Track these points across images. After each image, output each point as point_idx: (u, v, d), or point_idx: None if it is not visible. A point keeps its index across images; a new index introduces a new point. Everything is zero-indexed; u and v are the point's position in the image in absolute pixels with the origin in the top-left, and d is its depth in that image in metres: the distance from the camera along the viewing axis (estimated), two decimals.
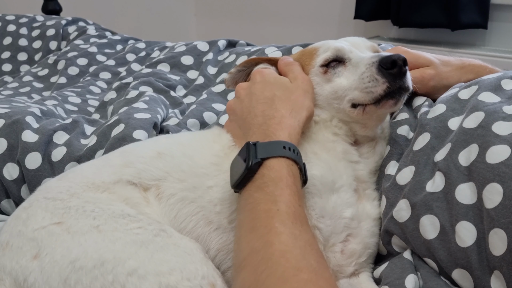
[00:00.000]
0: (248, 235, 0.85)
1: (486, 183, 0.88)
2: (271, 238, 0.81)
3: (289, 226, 0.83)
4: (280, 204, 0.86)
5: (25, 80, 2.17)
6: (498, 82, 1.07)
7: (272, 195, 0.88)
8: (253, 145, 0.94)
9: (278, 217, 0.84)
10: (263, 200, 0.88)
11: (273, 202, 0.87)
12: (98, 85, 2.05)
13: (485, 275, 0.87)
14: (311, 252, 0.81)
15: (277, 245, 0.79)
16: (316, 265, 0.78)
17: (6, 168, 1.35)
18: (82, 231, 0.86)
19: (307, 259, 0.79)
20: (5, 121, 1.41)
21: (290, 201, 0.88)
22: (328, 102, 1.10)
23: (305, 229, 0.86)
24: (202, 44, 2.01)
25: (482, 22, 3.34)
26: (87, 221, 0.88)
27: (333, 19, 4.23)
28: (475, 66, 1.26)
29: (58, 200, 0.93)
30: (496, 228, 0.85)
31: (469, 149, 0.95)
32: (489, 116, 0.96)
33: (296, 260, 0.77)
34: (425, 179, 1.00)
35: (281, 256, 0.78)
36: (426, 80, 1.24)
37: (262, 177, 0.91)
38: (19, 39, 2.48)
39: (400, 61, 1.01)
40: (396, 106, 1.06)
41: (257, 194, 0.89)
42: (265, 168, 0.92)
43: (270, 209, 0.86)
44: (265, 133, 0.99)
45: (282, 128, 1.00)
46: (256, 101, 1.06)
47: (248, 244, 0.83)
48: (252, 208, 0.88)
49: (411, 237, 0.99)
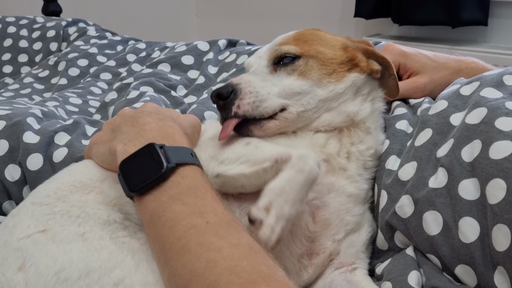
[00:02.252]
0: (181, 257, 0.74)
1: (490, 178, 0.88)
2: (212, 256, 0.72)
3: (225, 237, 0.75)
4: (207, 216, 0.78)
5: (25, 81, 2.17)
6: (500, 78, 1.07)
7: (195, 207, 0.80)
8: (160, 148, 0.85)
9: (210, 230, 0.76)
10: (186, 215, 0.79)
11: (199, 215, 0.78)
12: (99, 86, 2.04)
13: (489, 271, 0.87)
14: (257, 257, 0.74)
15: (221, 262, 0.71)
16: (267, 270, 0.72)
17: (8, 170, 1.35)
18: (67, 239, 0.83)
19: (257, 267, 0.71)
20: (6, 122, 1.41)
21: (216, 208, 0.81)
22: None
23: (241, 233, 0.78)
24: (203, 44, 2.00)
25: (482, 19, 3.34)
26: (72, 228, 0.85)
27: (334, 17, 4.23)
28: (473, 69, 1.27)
29: (44, 206, 0.91)
30: (500, 223, 0.84)
31: (472, 145, 0.95)
32: (492, 112, 0.96)
33: (247, 273, 0.69)
34: (428, 175, 1.00)
35: (230, 273, 0.69)
36: (420, 89, 1.26)
37: (177, 186, 0.82)
38: (19, 40, 2.48)
39: (214, 98, 1.06)
40: (250, 136, 1.06)
41: (176, 207, 0.80)
42: (178, 176, 0.84)
43: (199, 224, 0.77)
44: (165, 134, 0.92)
45: (180, 133, 0.95)
46: (137, 114, 0.99)
47: (185, 267, 0.73)
48: (174, 225, 0.78)
49: (414, 233, 0.99)
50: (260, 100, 1.05)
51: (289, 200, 0.88)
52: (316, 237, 1.01)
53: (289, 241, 0.98)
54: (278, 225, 0.86)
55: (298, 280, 1.00)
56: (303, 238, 0.99)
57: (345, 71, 1.13)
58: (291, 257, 0.98)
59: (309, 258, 1.01)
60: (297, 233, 0.99)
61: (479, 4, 3.31)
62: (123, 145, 0.90)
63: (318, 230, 1.01)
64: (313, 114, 1.10)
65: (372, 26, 3.97)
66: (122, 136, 0.93)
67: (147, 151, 0.85)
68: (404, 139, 1.14)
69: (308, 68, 1.11)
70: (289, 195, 0.89)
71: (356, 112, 1.12)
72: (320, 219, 1.01)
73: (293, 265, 0.99)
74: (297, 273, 1.00)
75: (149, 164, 0.84)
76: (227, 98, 1.05)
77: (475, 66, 1.28)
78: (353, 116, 1.11)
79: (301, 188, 0.90)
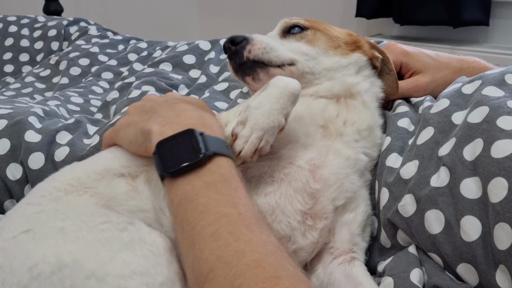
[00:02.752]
0: (211, 242, 0.75)
1: (491, 177, 0.88)
2: (242, 246, 0.73)
3: (256, 232, 0.77)
4: (240, 208, 0.80)
5: (27, 80, 2.17)
6: (501, 77, 1.07)
7: (229, 196, 0.81)
8: (200, 135, 0.86)
9: (242, 222, 0.77)
10: (220, 202, 0.80)
11: (232, 205, 0.80)
12: (100, 85, 2.05)
13: (490, 270, 0.87)
14: (284, 256, 0.76)
15: (250, 254, 0.72)
16: (293, 269, 0.74)
17: (9, 169, 1.35)
18: (46, 235, 0.82)
19: (283, 264, 0.73)
20: (8, 121, 1.41)
21: (248, 203, 0.82)
22: None
23: (270, 232, 0.80)
24: (204, 43, 2.00)
25: (484, 19, 3.34)
26: (53, 224, 0.84)
27: (335, 17, 4.23)
28: (475, 69, 1.27)
29: (36, 205, 0.91)
30: (502, 222, 0.84)
31: (474, 144, 0.95)
32: (494, 111, 0.96)
33: (273, 268, 0.71)
34: (430, 174, 1.00)
35: (257, 266, 0.71)
36: (422, 88, 1.27)
37: (212, 174, 0.84)
38: (20, 40, 2.48)
39: (227, 43, 1.15)
40: (254, 80, 1.15)
41: (210, 193, 0.81)
42: (214, 164, 0.85)
43: (231, 213, 0.78)
44: (203, 122, 0.93)
45: (218, 124, 0.96)
46: (173, 100, 1.01)
47: (213, 253, 0.73)
48: (205, 210, 0.79)
49: (416, 232, 0.99)
50: (271, 48, 1.14)
51: (265, 111, 0.93)
52: (317, 196, 1.01)
53: (292, 197, 1.00)
54: (253, 135, 0.91)
55: (304, 242, 1.01)
56: (305, 194, 1.00)
57: (349, 50, 1.22)
58: (295, 214, 0.99)
59: (313, 220, 1.01)
60: (298, 188, 1.00)
61: (480, 4, 3.31)
62: (160, 126, 0.91)
63: (319, 187, 1.01)
64: (316, 80, 1.16)
65: (373, 26, 3.97)
66: (158, 118, 0.94)
67: (186, 135, 0.87)
68: (406, 137, 1.14)
69: (316, 38, 1.21)
70: (264, 107, 0.93)
71: (355, 84, 1.17)
72: (320, 178, 1.02)
73: (298, 224, 1.00)
74: (303, 234, 1.00)
75: (187, 148, 0.85)
76: (240, 43, 1.13)
77: (477, 65, 1.29)
78: (351, 88, 1.17)
79: (278, 100, 0.95)
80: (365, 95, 1.18)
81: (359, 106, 1.15)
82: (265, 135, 0.92)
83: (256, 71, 1.13)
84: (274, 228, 0.98)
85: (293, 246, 1.00)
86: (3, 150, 1.36)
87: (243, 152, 0.91)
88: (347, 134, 1.10)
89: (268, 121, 0.92)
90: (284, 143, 1.03)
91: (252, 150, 0.91)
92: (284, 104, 0.95)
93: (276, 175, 1.00)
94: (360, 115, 1.14)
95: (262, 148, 0.92)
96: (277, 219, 0.98)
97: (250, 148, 0.91)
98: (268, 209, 0.98)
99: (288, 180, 1.00)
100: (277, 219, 0.98)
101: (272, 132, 0.93)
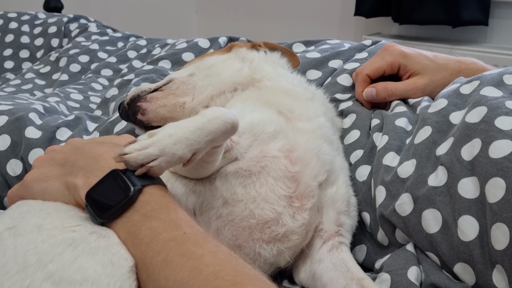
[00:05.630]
0: (163, 270, 0.74)
1: (489, 177, 0.88)
2: (195, 264, 0.72)
3: (204, 246, 0.76)
4: (183, 228, 0.79)
5: (27, 77, 2.17)
6: (500, 77, 1.07)
7: (169, 221, 0.80)
8: (124, 173, 0.84)
9: (189, 240, 0.76)
10: (163, 228, 0.78)
11: (174, 228, 0.78)
12: (100, 82, 2.05)
13: (487, 269, 0.88)
14: (239, 262, 0.75)
15: (205, 269, 0.71)
16: (251, 271, 0.73)
17: (10, 165, 1.35)
18: (24, 232, 0.81)
19: (240, 270, 0.73)
20: (8, 117, 1.41)
21: (189, 221, 0.81)
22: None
23: (217, 243, 0.79)
24: (203, 41, 2.01)
25: (483, 19, 3.35)
26: (34, 220, 0.84)
27: (334, 16, 4.23)
28: (472, 70, 1.27)
29: (25, 206, 0.91)
30: (499, 222, 0.85)
31: (472, 144, 0.95)
32: (492, 111, 0.96)
33: (231, 276, 0.70)
34: (427, 173, 1.00)
35: (215, 278, 0.70)
36: (420, 90, 1.27)
37: (148, 204, 0.82)
38: (21, 36, 2.47)
39: (121, 116, 1.25)
40: (143, 114, 1.20)
41: (151, 223, 0.79)
42: (146, 195, 0.83)
43: (176, 236, 0.77)
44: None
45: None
46: (84, 146, 0.97)
47: (169, 279, 0.73)
48: (151, 241, 0.78)
49: (413, 231, 0.99)
50: (139, 87, 1.27)
51: (175, 136, 0.85)
52: (299, 178, 1.01)
53: (272, 185, 0.98)
54: (149, 150, 0.84)
55: (294, 224, 0.99)
56: (285, 179, 0.99)
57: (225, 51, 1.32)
58: (279, 200, 0.98)
59: (300, 201, 1.00)
60: (278, 176, 0.99)
61: (479, 4, 3.32)
62: (85, 178, 0.88)
63: (298, 169, 1.01)
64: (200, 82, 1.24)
65: (372, 25, 3.98)
66: (80, 171, 0.90)
67: (111, 178, 0.84)
68: (404, 136, 1.14)
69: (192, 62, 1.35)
70: (178, 132, 0.86)
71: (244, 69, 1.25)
72: (297, 159, 1.01)
73: (285, 208, 0.99)
74: (292, 216, 0.99)
75: (116, 190, 0.83)
76: (120, 107, 1.26)
77: (475, 67, 1.29)
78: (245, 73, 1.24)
79: (195, 130, 0.86)
80: (262, 72, 1.20)
81: (268, 84, 1.17)
82: (160, 157, 0.84)
83: (137, 105, 1.20)
84: (258, 214, 0.97)
85: (282, 229, 0.98)
86: (3, 146, 1.36)
87: (130, 156, 0.83)
88: (294, 109, 1.10)
89: (171, 147, 0.84)
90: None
91: (140, 160, 0.83)
92: (198, 138, 0.86)
93: (253, 169, 0.99)
94: (276, 90, 1.15)
95: (152, 169, 0.84)
96: (260, 206, 0.97)
97: (139, 157, 0.83)
98: (248, 199, 0.97)
99: (267, 171, 0.99)
100: (259, 206, 0.97)
101: (169, 159, 0.85)
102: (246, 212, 0.97)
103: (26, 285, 0.75)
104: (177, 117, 1.18)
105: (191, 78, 1.22)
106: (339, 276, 1.00)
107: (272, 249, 0.99)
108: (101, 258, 0.79)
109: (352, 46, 1.64)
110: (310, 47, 1.73)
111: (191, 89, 1.19)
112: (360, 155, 1.19)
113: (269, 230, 0.98)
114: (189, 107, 1.19)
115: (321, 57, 1.56)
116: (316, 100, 1.20)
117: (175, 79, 1.22)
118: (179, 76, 1.23)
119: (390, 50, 1.33)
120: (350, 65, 1.48)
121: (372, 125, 1.24)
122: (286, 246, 0.99)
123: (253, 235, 0.98)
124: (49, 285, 0.75)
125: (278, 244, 0.99)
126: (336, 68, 1.52)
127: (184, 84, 1.20)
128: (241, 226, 0.97)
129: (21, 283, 0.75)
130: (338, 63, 1.54)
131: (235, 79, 1.19)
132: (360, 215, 1.13)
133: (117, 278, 0.77)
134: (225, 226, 0.97)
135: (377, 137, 1.19)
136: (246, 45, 1.32)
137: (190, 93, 1.19)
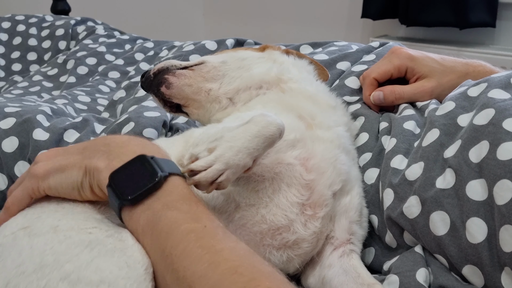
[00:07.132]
0: (182, 261, 0.74)
1: (497, 179, 0.88)
2: (213, 258, 0.73)
3: (224, 241, 0.76)
4: (204, 221, 0.79)
5: (35, 79, 2.18)
6: (507, 79, 1.07)
7: (190, 213, 0.80)
8: (151, 158, 0.84)
9: (209, 234, 0.77)
10: (183, 220, 0.78)
11: (195, 220, 0.78)
12: (107, 84, 2.06)
13: (496, 272, 0.88)
14: (257, 259, 0.75)
15: (223, 263, 0.72)
16: (268, 268, 0.74)
17: (17, 166, 1.36)
18: (40, 232, 0.82)
19: (258, 266, 0.73)
20: (16, 119, 1.42)
21: (210, 215, 0.81)
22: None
23: (236, 239, 0.79)
24: (211, 43, 2.01)
25: (490, 20, 3.34)
26: (49, 221, 0.84)
27: (341, 18, 4.23)
28: (480, 73, 1.27)
29: (38, 207, 0.91)
30: (507, 224, 0.85)
31: (479, 146, 0.95)
32: (500, 113, 0.96)
33: (249, 271, 0.71)
34: (435, 175, 1.00)
35: (233, 273, 0.70)
36: (427, 93, 1.27)
37: (170, 194, 0.82)
38: (28, 39, 2.49)
39: (141, 83, 1.26)
40: (168, 88, 1.19)
41: (172, 214, 0.79)
42: (170, 185, 0.83)
43: (196, 228, 0.77)
44: (148, 149, 0.89)
45: (160, 149, 0.92)
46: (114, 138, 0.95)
47: (187, 270, 0.73)
48: (171, 231, 0.78)
49: (421, 233, 0.99)
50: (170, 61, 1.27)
51: (235, 147, 0.88)
52: (313, 186, 1.00)
53: (286, 191, 0.98)
54: (215, 166, 0.86)
55: (305, 232, 0.99)
56: (299, 186, 0.99)
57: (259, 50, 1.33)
58: (291, 207, 0.98)
59: (313, 210, 1.00)
60: (292, 183, 0.99)
61: (487, 6, 3.31)
62: (108, 161, 0.87)
63: (313, 177, 1.01)
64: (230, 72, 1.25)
65: (379, 27, 3.97)
66: (102, 154, 0.89)
67: (139, 162, 0.84)
68: (412, 139, 1.14)
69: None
70: (236, 142, 0.88)
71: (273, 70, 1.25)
72: (313, 168, 1.01)
73: (296, 215, 0.98)
74: (304, 224, 0.99)
75: (143, 173, 0.83)
76: (144, 75, 1.26)
77: (482, 69, 1.29)
78: (273, 74, 1.23)
79: (252, 139, 0.89)
80: (290, 74, 1.21)
81: (293, 86, 1.17)
82: (227, 170, 0.87)
83: (164, 77, 1.18)
84: (270, 220, 0.97)
85: (293, 236, 0.98)
86: (11, 148, 1.37)
87: (200, 176, 0.85)
88: (315, 116, 1.10)
89: (234, 158, 0.87)
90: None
91: (211, 178, 0.86)
92: (257, 145, 0.89)
93: (266, 174, 0.99)
94: (300, 94, 1.16)
95: (221, 184, 0.87)
96: (272, 212, 0.97)
97: (209, 175, 0.85)
98: (261, 203, 0.97)
99: (280, 178, 0.99)
100: (271, 212, 0.97)
101: (235, 171, 0.88)
102: (257, 217, 0.97)
103: (43, 284, 0.75)
104: (199, 100, 1.19)
105: (223, 65, 1.21)
106: (349, 280, 1.01)
107: (282, 255, 0.99)
108: (117, 260, 0.79)
109: (359, 48, 1.64)
110: (318, 49, 1.73)
111: (221, 76, 1.19)
112: (369, 158, 1.19)
113: (280, 237, 0.97)
114: (214, 95, 1.19)
115: (329, 59, 1.56)
116: (338, 109, 1.21)
117: (207, 62, 1.22)
118: (212, 60, 1.23)
119: (397, 53, 1.33)
120: (357, 67, 1.48)
121: (380, 128, 1.24)
122: (296, 253, 0.99)
123: (263, 240, 0.98)
124: (66, 285, 0.75)
125: (288, 251, 0.99)
126: (344, 70, 1.52)
127: (215, 69, 1.20)
128: (252, 231, 0.97)
129: (37, 283, 0.75)
130: (345, 65, 1.55)
131: (263, 77, 1.19)
132: (368, 218, 1.13)
133: (134, 280, 0.78)
134: (236, 230, 0.97)
135: (386, 140, 1.19)
136: (279, 49, 1.33)
137: (218, 80, 1.19)
